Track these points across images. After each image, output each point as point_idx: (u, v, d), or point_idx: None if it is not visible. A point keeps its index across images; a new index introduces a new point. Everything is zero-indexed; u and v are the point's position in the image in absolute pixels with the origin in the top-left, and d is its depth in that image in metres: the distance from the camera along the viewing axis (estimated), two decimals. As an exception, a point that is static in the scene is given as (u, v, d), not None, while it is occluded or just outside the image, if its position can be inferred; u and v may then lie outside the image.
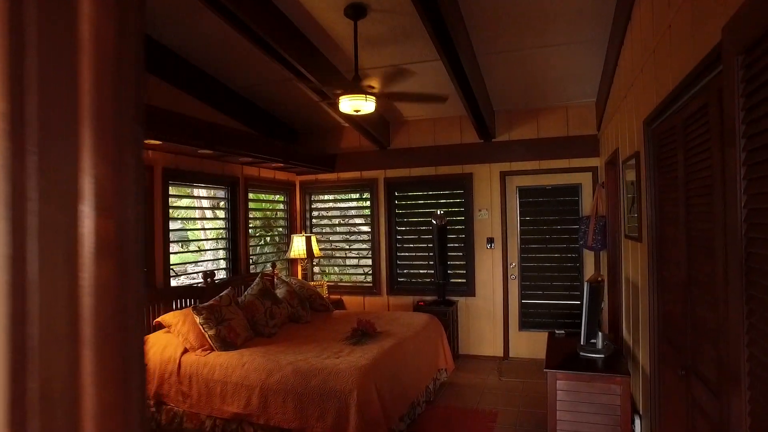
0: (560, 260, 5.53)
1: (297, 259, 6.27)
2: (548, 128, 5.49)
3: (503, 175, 5.66)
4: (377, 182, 6.16)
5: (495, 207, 5.67)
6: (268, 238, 6.30)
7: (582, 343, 3.18)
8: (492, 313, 5.66)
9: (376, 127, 5.75)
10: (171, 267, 4.46)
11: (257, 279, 4.51)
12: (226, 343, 3.68)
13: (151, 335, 3.82)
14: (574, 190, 5.49)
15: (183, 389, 3.50)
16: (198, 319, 3.70)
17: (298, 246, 5.96)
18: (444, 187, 5.95)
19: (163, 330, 3.82)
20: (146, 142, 3.83)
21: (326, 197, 6.57)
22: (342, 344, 3.78)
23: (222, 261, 5.32)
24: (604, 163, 4.72)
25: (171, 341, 3.70)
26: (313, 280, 6.50)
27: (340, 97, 3.48)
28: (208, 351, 3.63)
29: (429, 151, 5.91)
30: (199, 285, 4.64)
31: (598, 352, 3.15)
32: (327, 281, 6.37)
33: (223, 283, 4.82)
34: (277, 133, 5.97)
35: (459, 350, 5.73)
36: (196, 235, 5.27)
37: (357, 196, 6.46)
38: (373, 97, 3.51)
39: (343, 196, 6.52)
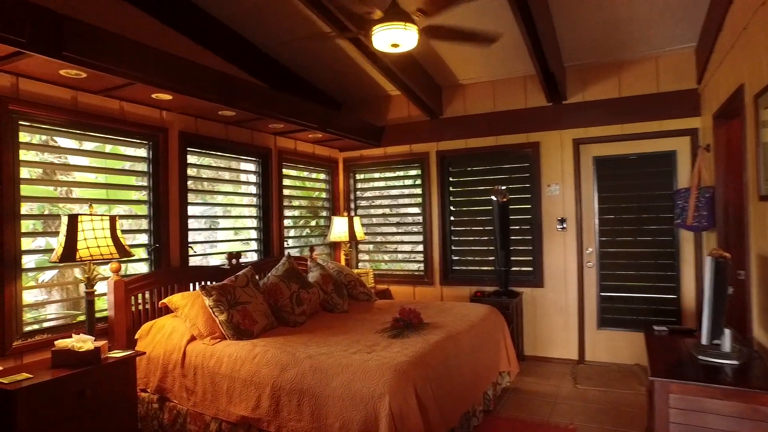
0: (649, 244, 4.54)
1: (339, 243, 5.64)
2: (633, 84, 4.51)
3: (576, 144, 4.74)
4: (428, 156, 5.40)
5: (567, 181, 4.76)
6: (305, 220, 5.71)
7: (704, 343, 2.29)
8: (564, 307, 4.75)
9: (427, 92, 5.00)
10: (189, 245, 3.94)
11: (283, 259, 3.89)
12: (239, 330, 3.07)
13: (157, 320, 3.28)
14: (667, 158, 4.48)
15: (187, 384, 2.92)
16: (207, 301, 3.12)
17: (339, 228, 5.32)
18: (506, 160, 5.10)
19: (171, 314, 3.28)
20: (155, 96, 3.30)
21: (372, 175, 5.89)
22: (378, 336, 3.07)
23: (253, 242, 4.77)
24: (711, 120, 3.72)
25: (178, 327, 3.15)
26: (357, 267, 5.85)
27: (373, 28, 2.77)
28: (219, 339, 3.04)
29: (488, 118, 5.08)
30: (222, 266, 4.09)
31: (726, 356, 2.25)
32: (374, 269, 5.69)
33: (252, 266, 4.24)
34: (320, 103, 5.33)
35: (524, 350, 4.86)
36: (226, 211, 4.75)
37: (406, 173, 5.73)
38: (414, 26, 2.77)
39: (390, 174, 5.81)
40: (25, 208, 2.93)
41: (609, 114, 4.59)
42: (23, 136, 2.90)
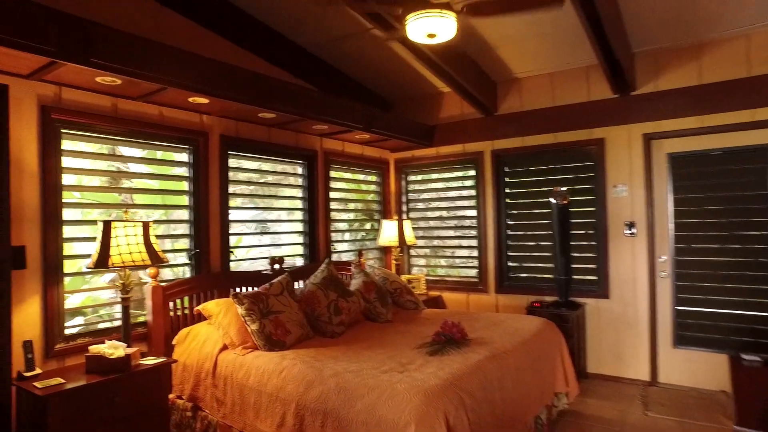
0: (738, 253, 3.96)
1: (389, 248, 5.45)
2: (717, 69, 3.96)
3: (647, 139, 4.24)
4: (482, 156, 5.08)
5: (636, 181, 4.27)
6: (359, 223, 5.58)
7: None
8: (633, 322, 4.27)
9: (480, 88, 4.69)
10: (230, 249, 3.90)
11: (323, 265, 3.76)
12: (271, 341, 2.95)
13: (193, 326, 3.25)
14: (762, 153, 3.88)
15: (218, 394, 2.85)
16: (240, 310, 3.04)
17: (388, 232, 5.14)
18: (566, 159, 4.68)
19: (205, 321, 3.23)
20: (192, 100, 3.27)
21: (424, 176, 5.65)
22: (415, 353, 2.84)
23: (299, 246, 4.69)
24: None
25: (212, 335, 3.09)
26: (409, 272, 5.64)
27: (407, 17, 2.54)
28: (250, 349, 2.94)
29: (546, 114, 4.69)
30: (264, 272, 4.03)
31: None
32: (427, 275, 5.45)
33: (296, 271, 4.16)
34: (368, 103, 5.16)
35: (587, 367, 4.43)
36: (271, 215, 4.70)
37: (460, 173, 5.44)
38: (452, 12, 2.51)
39: (443, 175, 5.54)
40: (71, 213, 2.99)
41: (687, 104, 4.06)
42: (65, 144, 2.96)
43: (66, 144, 2.96)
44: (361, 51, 4.41)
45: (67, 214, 2.96)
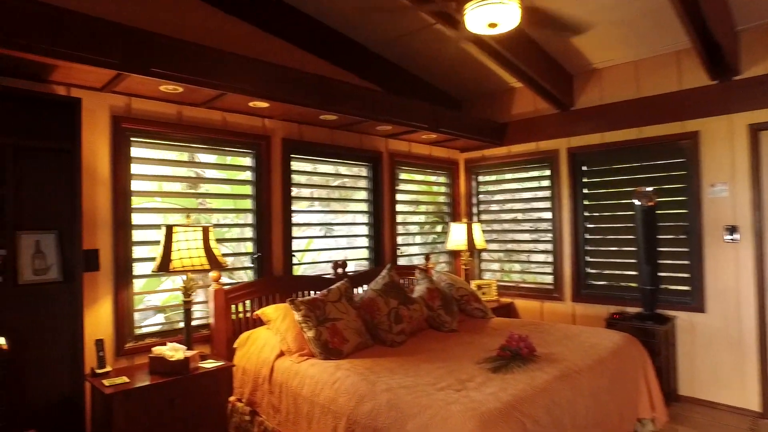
0: None
1: (459, 252, 5.23)
2: None
3: (754, 130, 3.69)
4: (558, 155, 4.73)
5: (739, 179, 3.74)
6: (428, 226, 5.42)
7: None
8: (737, 340, 3.74)
9: (555, 81, 4.36)
10: (293, 252, 3.90)
11: (384, 271, 3.64)
12: (327, 349, 2.88)
13: (254, 330, 3.26)
14: None
15: (274, 401, 2.82)
16: (296, 316, 3.00)
17: (456, 236, 4.93)
18: (653, 156, 4.21)
19: (265, 326, 3.22)
20: (253, 105, 3.29)
21: (495, 177, 5.37)
22: (477, 368, 2.63)
23: (364, 250, 4.62)
24: None
25: (270, 340, 3.08)
26: (480, 278, 5.39)
27: (465, 6, 2.35)
28: (307, 357, 2.89)
29: (630, 106, 4.25)
30: (327, 276, 3.99)
31: None
32: (499, 280, 5.18)
33: (359, 276, 4.09)
34: (436, 102, 4.96)
35: (678, 389, 3.95)
36: (335, 218, 4.67)
37: (533, 173, 5.11)
38: (515, -1, 2.29)
39: (515, 175, 5.23)
40: (142, 218, 3.11)
41: (804, 90, 3.49)
42: (135, 151, 3.08)
43: (135, 151, 3.08)
44: (426, 48, 4.25)
45: (137, 218, 3.08)
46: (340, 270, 3.99)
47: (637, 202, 3.90)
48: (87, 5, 2.72)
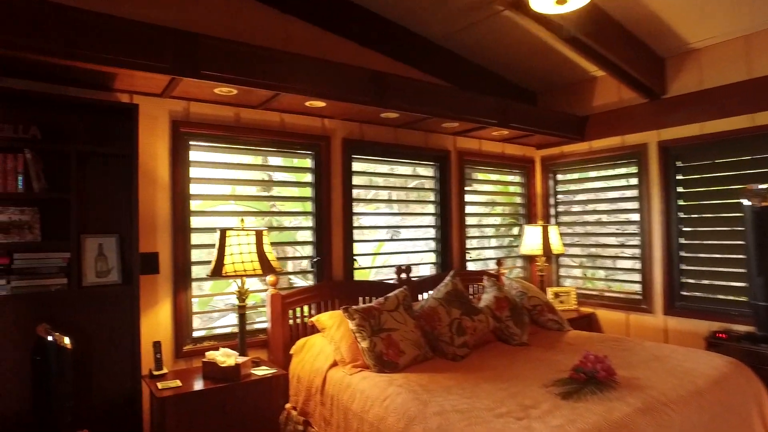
0: None
1: (534, 257, 4.85)
2: None
3: None
4: (646, 149, 4.21)
5: None
6: (501, 229, 5.10)
7: None
8: None
9: (643, 66, 3.87)
10: (354, 257, 3.78)
11: (447, 278, 3.40)
12: (382, 361, 2.71)
13: (310, 337, 3.16)
14: None
15: (325, 414, 2.70)
16: (350, 325, 2.85)
17: (531, 239, 4.57)
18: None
19: (320, 333, 3.12)
20: (309, 104, 3.20)
21: (576, 176, 4.92)
22: (545, 392, 2.33)
23: (430, 254, 4.40)
24: None
25: (325, 348, 2.96)
26: (557, 285, 4.97)
27: (529, -17, 2.07)
28: (360, 369, 2.74)
29: (738, 90, 3.66)
30: (389, 281, 3.83)
31: None
32: (578, 288, 4.75)
33: (423, 282, 3.89)
34: (509, 96, 4.61)
35: (801, 424, 3.33)
36: (401, 220, 4.49)
37: (617, 171, 4.61)
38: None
39: (597, 173, 4.75)
40: (200, 221, 3.14)
41: None
42: (193, 155, 3.10)
43: (194, 155, 3.10)
44: (495, 38, 3.94)
45: (199, 222, 3.11)
46: (403, 275, 3.81)
47: (746, 202, 3.34)
48: (143, 12, 2.76)
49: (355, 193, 3.84)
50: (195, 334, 3.08)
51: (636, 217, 4.34)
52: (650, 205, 4.19)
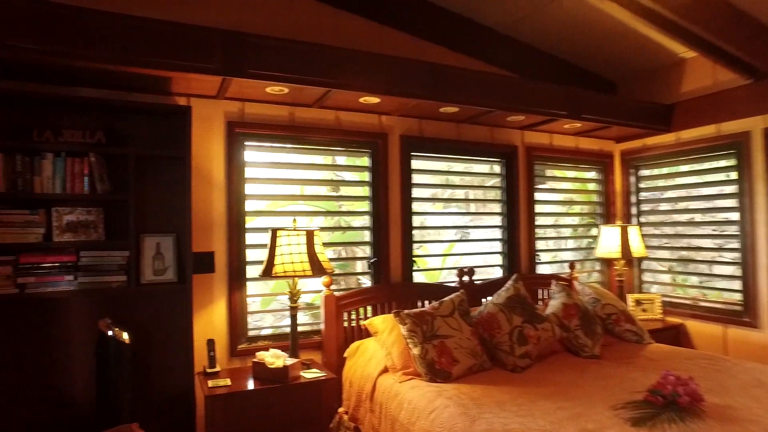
0: None
1: (611, 260, 4.43)
2: None
3: None
4: (749, 138, 3.69)
5: None
6: (576, 229, 4.74)
7: None
8: None
9: (745, 41, 3.37)
10: (413, 258, 3.64)
11: (509, 282, 3.16)
12: (434, 369, 2.56)
13: (364, 340, 3.07)
14: None
15: (374, 421, 2.60)
16: (402, 330, 2.73)
17: (608, 241, 4.19)
18: None
19: (372, 337, 3.01)
20: (364, 101, 3.12)
21: (661, 170, 4.44)
22: (613, 416, 2.06)
23: (496, 256, 4.15)
24: None
25: (377, 353, 2.86)
26: (640, 292, 4.52)
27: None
28: (411, 376, 2.60)
29: None
30: (449, 284, 3.65)
31: None
32: (664, 296, 4.27)
33: (486, 286, 3.67)
34: (585, 86, 4.22)
35: None
36: (471, 220, 4.29)
37: (711, 164, 4.09)
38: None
39: (688, 167, 4.25)
40: (256, 221, 3.16)
41: None
42: (248, 155, 3.12)
43: (249, 155, 3.12)
44: (566, 23, 3.63)
45: (255, 222, 3.13)
46: (465, 278, 3.62)
47: None
48: (196, 14, 2.82)
49: (415, 192, 3.70)
50: (252, 333, 3.11)
51: (736, 216, 3.81)
52: (753, 202, 3.66)
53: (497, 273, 4.13)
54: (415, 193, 3.69)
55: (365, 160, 3.58)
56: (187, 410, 2.62)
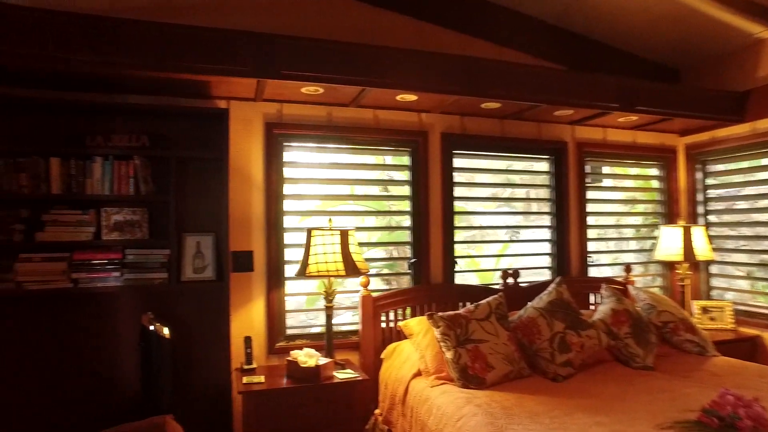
0: None
1: (673, 263, 4.10)
2: None
3: None
4: (836, 130, 3.28)
5: None
6: (639, 230, 4.45)
7: None
8: None
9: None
10: (455, 258, 3.54)
11: (552, 285, 3.00)
12: (467, 375, 2.47)
13: (400, 342, 3.02)
14: None
15: (405, 426, 2.54)
16: (435, 333, 2.65)
17: (669, 243, 3.87)
18: None
19: (408, 339, 2.96)
20: (400, 98, 3.07)
21: (734, 165, 4.05)
22: (659, 434, 1.89)
23: (545, 257, 3.97)
24: None
25: (411, 356, 2.80)
26: (709, 297, 4.16)
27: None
28: (443, 381, 2.53)
29: None
30: (494, 286, 3.53)
31: None
32: (739, 303, 3.90)
33: (535, 287, 3.50)
34: (643, 76, 3.92)
35: None
36: (525, 220, 4.13)
37: (792, 159, 3.68)
38: None
39: (759, 162, 3.85)
40: (292, 220, 3.19)
41: None
42: (287, 156, 3.16)
43: (288, 155, 3.16)
44: (619, 8, 3.39)
45: (288, 221, 3.17)
46: (510, 280, 3.49)
47: None
48: (233, 19, 2.88)
49: (457, 191, 3.60)
50: (290, 331, 3.15)
51: (819, 216, 3.41)
52: (840, 201, 3.26)
53: (546, 275, 3.94)
54: (458, 192, 3.59)
55: (405, 159, 3.53)
56: (225, 405, 2.69)
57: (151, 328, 2.52)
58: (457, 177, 3.60)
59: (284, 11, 3.13)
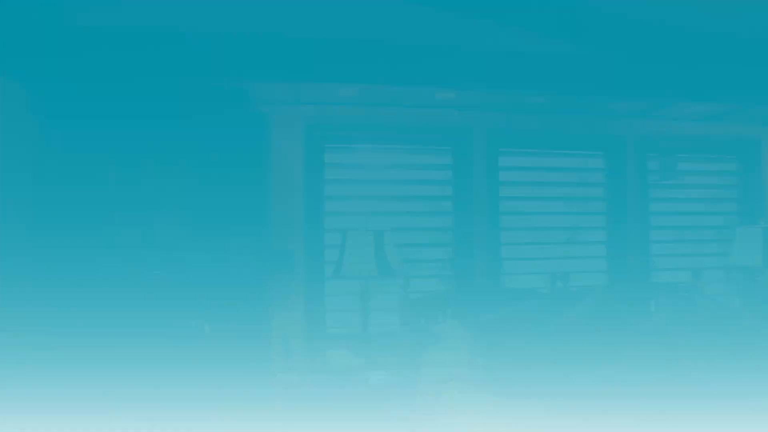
0: None
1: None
2: None
3: None
4: None
5: None
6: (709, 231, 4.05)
7: None
8: None
9: None
10: (499, 260, 3.43)
11: (592, 291, 2.81)
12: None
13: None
14: None
15: None
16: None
17: (748, 246, 3.49)
18: None
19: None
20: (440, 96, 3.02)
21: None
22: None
23: (601, 260, 3.73)
24: None
25: (446, 359, 2.74)
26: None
27: None
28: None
29: None
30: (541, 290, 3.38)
31: None
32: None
33: (582, 291, 3.32)
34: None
35: None
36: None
37: None
38: None
39: None
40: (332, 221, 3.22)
41: None
42: (328, 158, 3.20)
43: (328, 157, 3.19)
44: None
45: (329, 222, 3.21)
46: (558, 283, 3.31)
47: None
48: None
49: (501, 191, 3.48)
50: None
51: None
52: None
53: (600, 279, 3.70)
54: (501, 192, 3.48)
55: (447, 158, 3.46)
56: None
57: None
58: (502, 176, 3.47)
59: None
